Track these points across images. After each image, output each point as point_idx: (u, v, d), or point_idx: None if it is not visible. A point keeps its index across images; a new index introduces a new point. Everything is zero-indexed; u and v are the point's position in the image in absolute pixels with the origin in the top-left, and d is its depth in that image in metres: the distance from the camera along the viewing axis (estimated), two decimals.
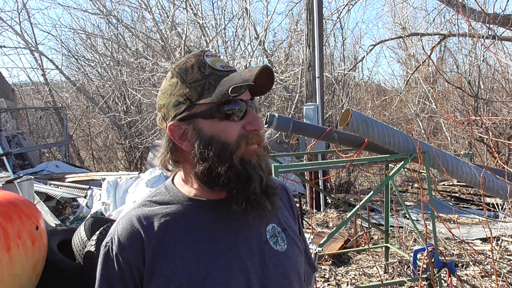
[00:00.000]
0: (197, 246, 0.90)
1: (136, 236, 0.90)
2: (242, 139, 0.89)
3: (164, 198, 0.97)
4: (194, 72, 0.91)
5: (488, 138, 5.58)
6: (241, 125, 0.90)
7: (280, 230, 1.01)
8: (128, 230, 0.91)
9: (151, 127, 9.47)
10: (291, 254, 1.00)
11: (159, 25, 8.31)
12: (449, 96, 10.60)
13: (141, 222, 0.91)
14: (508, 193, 3.14)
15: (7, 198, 2.94)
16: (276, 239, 0.99)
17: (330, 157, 5.20)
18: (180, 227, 0.92)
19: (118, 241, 0.90)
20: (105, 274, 0.92)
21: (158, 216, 0.92)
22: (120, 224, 0.93)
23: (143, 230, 0.90)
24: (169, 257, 0.89)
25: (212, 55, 0.94)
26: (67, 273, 3.29)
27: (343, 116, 3.17)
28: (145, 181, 5.64)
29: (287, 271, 0.98)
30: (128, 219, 0.93)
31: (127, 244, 0.90)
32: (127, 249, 0.90)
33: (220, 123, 0.89)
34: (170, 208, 0.94)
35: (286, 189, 1.13)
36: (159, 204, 0.95)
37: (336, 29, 10.36)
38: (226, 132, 0.89)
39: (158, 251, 0.89)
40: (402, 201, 3.77)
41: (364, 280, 3.94)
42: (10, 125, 9.66)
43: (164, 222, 0.92)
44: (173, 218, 0.93)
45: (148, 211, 0.94)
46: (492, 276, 3.72)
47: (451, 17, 8.85)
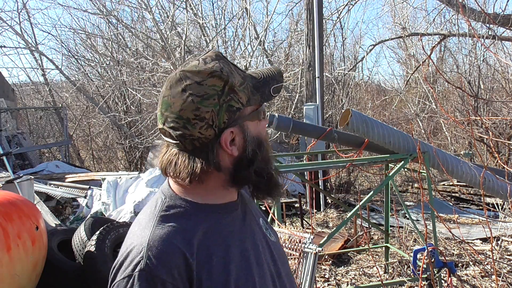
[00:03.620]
0: (230, 251, 0.88)
1: (178, 254, 0.81)
2: (266, 136, 0.96)
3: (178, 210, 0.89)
4: (236, 74, 0.88)
5: (488, 138, 5.59)
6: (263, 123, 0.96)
7: (265, 222, 1.06)
8: (167, 250, 0.81)
9: (151, 127, 9.47)
10: (279, 243, 1.06)
11: (159, 25, 8.30)
12: (449, 96, 10.60)
13: (176, 238, 0.83)
14: (508, 193, 3.14)
15: (7, 198, 2.94)
16: (269, 231, 1.03)
17: (330, 157, 5.20)
18: (212, 237, 0.87)
19: (160, 263, 0.79)
20: None
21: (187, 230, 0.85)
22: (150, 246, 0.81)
23: (183, 246, 0.82)
24: (214, 269, 0.84)
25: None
26: (67, 273, 3.30)
27: (343, 116, 3.17)
28: (145, 181, 5.64)
29: (285, 258, 1.04)
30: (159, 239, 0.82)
31: (172, 265, 0.80)
32: (173, 269, 0.80)
33: (259, 124, 0.94)
34: (192, 220, 0.88)
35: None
36: (179, 217, 0.88)
37: (336, 29, 10.37)
38: (264, 130, 0.95)
39: (201, 265, 0.83)
40: (402, 201, 3.77)
41: (364, 280, 3.94)
42: (10, 125, 9.66)
43: (195, 234, 0.85)
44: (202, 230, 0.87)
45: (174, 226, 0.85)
46: (492, 276, 3.72)
47: (451, 17, 8.85)
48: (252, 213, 1.01)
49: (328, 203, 6.64)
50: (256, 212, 1.05)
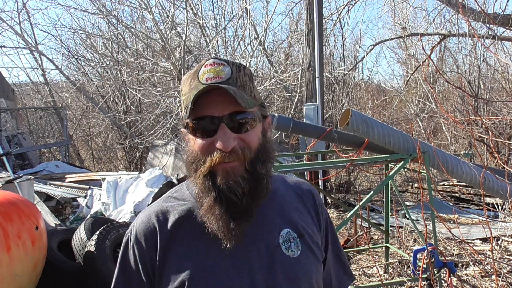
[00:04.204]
0: (207, 243, 0.94)
1: (151, 230, 0.97)
2: (208, 156, 0.90)
3: (183, 195, 1.02)
4: (187, 83, 0.94)
5: (488, 138, 5.58)
6: (211, 141, 0.90)
7: (295, 235, 0.99)
8: (145, 224, 0.98)
9: (151, 127, 9.47)
10: (303, 261, 0.98)
11: (159, 25, 8.30)
12: (449, 96, 10.59)
13: (157, 217, 0.98)
14: (508, 193, 3.14)
15: (7, 198, 2.94)
16: (289, 245, 0.98)
17: (330, 157, 5.20)
18: (193, 224, 0.96)
19: (136, 233, 0.98)
20: (123, 262, 1.00)
21: (174, 212, 0.98)
22: (140, 217, 1.01)
23: (158, 225, 0.97)
24: (180, 252, 0.94)
25: (213, 63, 0.93)
26: (67, 273, 3.30)
27: (343, 116, 3.17)
28: (145, 181, 5.63)
29: (297, 277, 0.96)
30: (147, 213, 1.00)
31: (142, 237, 0.97)
32: (142, 241, 0.97)
33: (194, 137, 0.93)
34: (186, 205, 0.99)
35: (313, 195, 1.10)
36: (177, 200, 1.01)
37: (336, 29, 10.36)
38: (196, 147, 0.92)
39: (169, 245, 0.95)
40: (402, 201, 3.77)
41: (364, 280, 3.94)
42: (10, 125, 9.65)
43: (178, 219, 0.97)
44: (188, 215, 0.97)
45: (166, 206, 1.00)
46: (492, 276, 3.72)
47: (451, 17, 8.85)
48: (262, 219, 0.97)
49: (328, 203, 6.64)
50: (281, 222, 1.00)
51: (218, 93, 0.88)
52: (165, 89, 8.72)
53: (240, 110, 0.89)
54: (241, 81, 0.93)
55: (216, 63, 0.93)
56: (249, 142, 0.91)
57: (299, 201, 1.07)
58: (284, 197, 1.05)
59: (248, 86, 0.94)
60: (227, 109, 0.89)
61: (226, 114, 0.89)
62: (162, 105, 8.36)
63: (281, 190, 1.06)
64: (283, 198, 1.05)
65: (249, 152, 0.91)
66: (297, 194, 1.08)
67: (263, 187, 0.93)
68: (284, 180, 1.11)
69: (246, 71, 0.95)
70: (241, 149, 0.90)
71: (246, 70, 0.96)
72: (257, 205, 0.92)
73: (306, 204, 1.07)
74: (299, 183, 1.12)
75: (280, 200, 1.04)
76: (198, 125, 0.90)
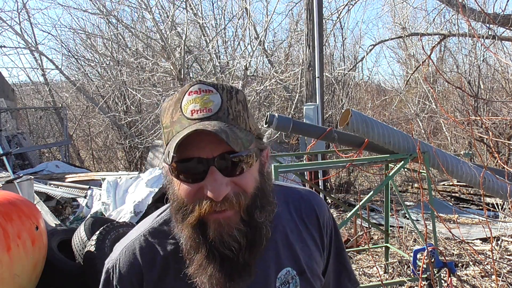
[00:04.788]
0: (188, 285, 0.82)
1: (136, 273, 0.87)
2: (196, 204, 0.76)
3: (168, 229, 0.88)
4: (168, 113, 0.79)
5: (488, 138, 5.58)
6: (200, 187, 0.75)
7: (295, 274, 0.91)
8: (129, 264, 0.88)
9: (151, 127, 9.47)
10: None
11: (159, 25, 8.30)
12: (449, 96, 10.60)
13: (143, 255, 0.88)
14: (508, 193, 3.14)
15: (7, 198, 2.94)
16: (288, 286, 0.89)
17: (330, 157, 5.20)
18: (182, 268, 0.83)
19: (119, 272, 0.88)
20: None
21: (160, 252, 0.88)
22: (123, 252, 0.89)
23: (144, 267, 0.87)
24: None
25: (198, 90, 0.78)
26: (67, 273, 3.30)
27: (343, 116, 3.17)
28: (145, 181, 5.63)
29: None
30: (131, 249, 0.89)
31: (127, 278, 0.88)
32: (126, 283, 0.88)
33: (178, 180, 0.78)
34: (172, 244, 0.87)
35: (316, 211, 0.99)
36: (165, 237, 0.88)
37: (336, 29, 10.37)
38: (181, 192, 0.78)
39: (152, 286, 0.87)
40: (402, 201, 3.77)
41: (364, 280, 3.94)
42: (10, 125, 9.66)
43: (165, 259, 0.87)
44: (176, 259, 0.85)
45: (153, 243, 0.88)
46: (492, 276, 3.72)
47: (451, 17, 8.85)
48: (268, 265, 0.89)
49: (328, 203, 6.64)
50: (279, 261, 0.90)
51: (207, 132, 0.72)
52: (165, 89, 8.73)
53: (230, 150, 0.74)
54: (233, 112, 0.77)
55: (203, 90, 0.77)
56: (244, 186, 0.77)
57: (301, 226, 0.96)
58: (284, 227, 0.93)
59: (242, 118, 0.79)
60: (218, 150, 0.74)
61: (216, 155, 0.74)
62: (162, 105, 8.36)
63: (282, 218, 0.94)
64: (283, 228, 0.93)
65: (244, 198, 0.77)
66: (299, 216, 0.97)
67: (262, 237, 0.79)
68: (285, 197, 0.97)
69: (238, 97, 0.80)
70: (235, 195, 0.76)
71: (238, 96, 0.80)
72: (256, 258, 0.80)
73: (308, 227, 0.97)
74: (301, 199, 0.99)
75: (281, 233, 0.92)
76: (183, 168, 0.75)
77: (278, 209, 0.90)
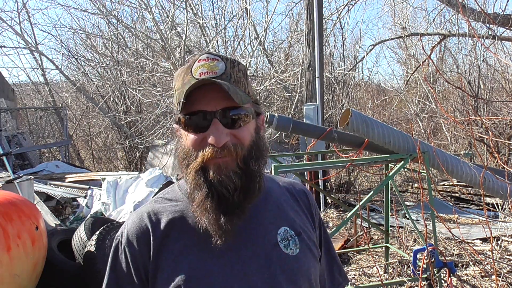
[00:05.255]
0: (201, 245, 0.92)
1: (144, 232, 0.94)
2: (200, 151, 0.89)
3: (175, 195, 1.00)
4: (179, 78, 0.93)
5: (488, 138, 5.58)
6: (203, 137, 0.89)
7: (293, 233, 0.99)
8: (136, 225, 0.96)
9: (151, 127, 9.47)
10: (303, 259, 0.97)
11: (159, 25, 8.30)
12: (449, 96, 10.60)
13: (150, 218, 0.96)
14: (508, 193, 3.14)
15: (7, 198, 2.94)
16: (288, 243, 0.97)
17: (330, 157, 5.20)
18: (186, 225, 0.94)
19: (127, 235, 0.95)
20: (113, 266, 0.96)
21: (166, 213, 0.96)
22: (131, 219, 0.98)
23: (151, 226, 0.94)
24: (173, 254, 0.92)
25: (206, 58, 0.92)
26: (67, 273, 3.30)
27: (343, 116, 3.17)
28: (145, 181, 5.64)
29: (296, 276, 0.95)
30: (138, 215, 0.98)
31: (134, 239, 0.94)
32: (134, 243, 0.94)
33: (186, 132, 0.91)
34: (179, 206, 0.97)
35: (306, 194, 1.11)
36: (170, 201, 0.99)
37: (336, 29, 10.37)
38: (188, 142, 0.91)
39: (163, 247, 0.92)
40: (402, 201, 3.77)
41: (364, 280, 3.94)
42: (10, 125, 9.66)
43: (171, 219, 0.95)
44: (181, 216, 0.95)
45: (158, 207, 0.98)
46: (492, 276, 3.72)
47: (451, 17, 8.85)
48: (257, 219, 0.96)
49: (328, 203, 6.64)
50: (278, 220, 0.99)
51: (211, 88, 0.87)
52: (165, 89, 8.72)
53: (234, 105, 0.88)
54: (235, 76, 0.91)
55: (210, 58, 0.91)
56: (241, 139, 0.90)
57: (293, 200, 1.06)
58: (278, 197, 1.04)
59: (242, 82, 0.93)
60: (220, 105, 0.88)
61: (219, 109, 0.88)
62: (162, 105, 8.37)
63: (275, 190, 1.06)
64: (278, 197, 1.04)
65: (241, 148, 0.89)
66: (291, 193, 1.08)
67: (255, 184, 0.91)
68: (277, 180, 1.11)
69: (240, 67, 0.94)
70: (233, 145, 0.88)
71: (240, 66, 0.94)
72: (249, 203, 0.91)
73: (300, 203, 1.07)
74: (292, 183, 1.11)
75: (275, 200, 1.03)
76: (190, 120, 0.89)
77: (271, 185, 1.04)
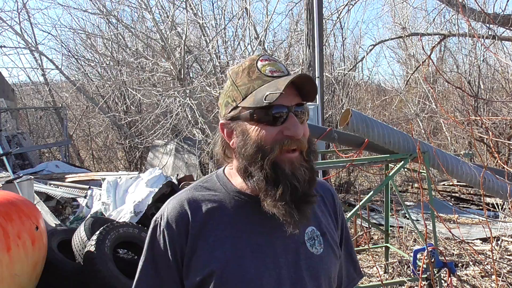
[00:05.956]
0: (237, 235, 0.96)
1: (183, 217, 0.97)
2: (277, 144, 0.92)
3: (214, 185, 1.03)
4: (243, 75, 0.97)
5: (488, 138, 5.58)
6: (279, 130, 0.92)
7: (319, 233, 1.04)
8: (177, 210, 0.98)
9: (151, 127, 9.47)
10: (325, 258, 1.03)
11: (159, 25, 8.29)
12: (449, 96, 10.59)
13: (190, 204, 0.99)
14: (508, 193, 3.14)
15: (7, 198, 2.94)
16: (314, 242, 1.02)
17: (330, 157, 5.20)
18: (224, 215, 0.98)
19: (167, 218, 0.98)
20: (151, 246, 1.00)
21: (206, 201, 0.99)
22: (171, 203, 1.01)
23: (190, 212, 0.97)
24: (210, 241, 0.95)
25: (268, 59, 0.98)
26: (67, 273, 3.30)
27: (343, 116, 3.17)
28: (145, 181, 5.63)
29: (319, 273, 1.01)
30: (179, 200, 1.01)
31: (174, 222, 0.97)
32: (173, 227, 0.97)
33: (257, 126, 0.93)
34: (218, 196, 1.01)
35: (332, 194, 1.16)
36: (209, 190, 1.02)
37: (336, 29, 10.37)
38: (262, 135, 0.93)
39: (201, 233, 0.96)
40: (402, 201, 3.77)
41: (364, 280, 3.94)
42: (10, 125, 9.65)
43: (210, 208, 0.98)
44: (219, 206, 0.99)
45: (198, 195, 1.01)
46: (492, 276, 3.72)
47: (451, 17, 8.85)
48: None
49: None
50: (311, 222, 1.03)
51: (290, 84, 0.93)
52: (165, 89, 8.72)
53: (301, 102, 0.95)
54: None
55: (271, 59, 0.98)
56: (306, 133, 0.96)
57: (321, 200, 1.11)
58: None
59: None
60: (294, 100, 0.94)
61: (293, 104, 0.94)
62: (162, 105, 8.37)
63: None
64: None
65: (305, 142, 0.96)
66: (319, 193, 1.10)
67: (314, 175, 0.97)
68: None
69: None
70: (303, 138, 0.94)
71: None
72: (312, 191, 0.96)
73: (326, 203, 1.12)
74: (320, 183, 1.14)
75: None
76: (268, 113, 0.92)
77: None
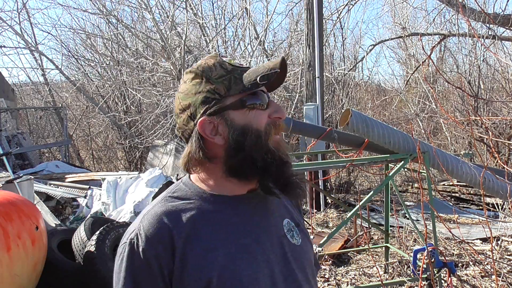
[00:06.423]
0: (224, 238, 0.92)
1: (165, 231, 0.90)
2: (271, 126, 0.95)
3: (185, 194, 0.98)
4: (217, 69, 0.95)
5: (488, 138, 5.58)
6: (268, 114, 0.95)
7: (293, 224, 1.04)
8: (155, 226, 0.90)
9: (151, 127, 9.47)
10: (305, 248, 1.04)
11: (159, 25, 8.30)
12: (449, 96, 10.59)
13: (168, 217, 0.92)
14: (508, 193, 3.14)
15: (7, 198, 2.94)
16: (292, 233, 1.02)
17: (330, 157, 5.20)
18: (206, 221, 0.93)
19: (146, 236, 0.89)
20: (131, 270, 0.89)
21: (183, 211, 0.94)
22: (145, 220, 0.92)
23: (172, 225, 0.90)
24: (199, 250, 0.90)
25: (223, 55, 1.00)
26: (67, 273, 3.30)
27: (343, 116, 3.17)
28: (145, 181, 5.63)
29: (304, 264, 1.01)
30: (153, 215, 0.92)
31: (155, 239, 0.89)
32: (156, 244, 0.89)
33: (250, 112, 0.93)
34: (194, 203, 0.95)
35: None
36: (182, 200, 0.96)
37: (336, 29, 10.37)
38: (258, 120, 0.94)
39: (187, 245, 0.90)
40: (402, 201, 3.77)
41: (364, 280, 3.94)
42: (10, 125, 9.65)
43: (190, 217, 0.93)
44: (198, 213, 0.94)
45: (172, 206, 0.94)
46: (492, 276, 3.72)
47: (451, 17, 8.85)
48: (269, 212, 1.00)
49: (328, 203, 6.64)
50: (281, 213, 1.04)
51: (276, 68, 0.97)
52: (165, 89, 8.72)
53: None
54: None
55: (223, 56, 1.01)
56: None
57: None
58: None
59: None
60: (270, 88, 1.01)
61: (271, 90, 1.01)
62: (162, 105, 8.37)
63: None
64: None
65: None
66: None
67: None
68: None
69: None
70: None
71: None
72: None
73: None
74: None
75: None
76: (259, 96, 0.95)
77: None
